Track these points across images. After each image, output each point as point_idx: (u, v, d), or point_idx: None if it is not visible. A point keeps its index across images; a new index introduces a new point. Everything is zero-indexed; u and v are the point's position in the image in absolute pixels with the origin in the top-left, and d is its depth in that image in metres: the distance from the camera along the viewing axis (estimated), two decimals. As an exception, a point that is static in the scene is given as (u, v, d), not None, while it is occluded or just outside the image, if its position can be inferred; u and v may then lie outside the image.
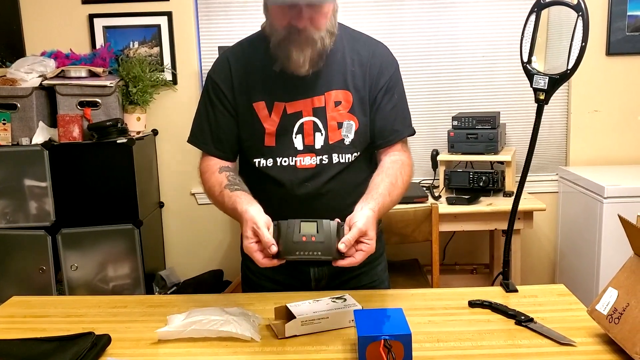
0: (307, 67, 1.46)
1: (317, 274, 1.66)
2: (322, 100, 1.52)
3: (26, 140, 2.86)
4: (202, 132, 1.60)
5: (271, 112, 1.53)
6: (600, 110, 3.23)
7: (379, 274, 1.73)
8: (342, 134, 1.54)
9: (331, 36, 1.48)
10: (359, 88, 1.54)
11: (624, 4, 3.11)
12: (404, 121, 1.61)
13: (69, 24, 3.22)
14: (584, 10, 1.41)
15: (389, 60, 1.61)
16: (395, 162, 1.55)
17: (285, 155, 1.54)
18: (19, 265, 2.90)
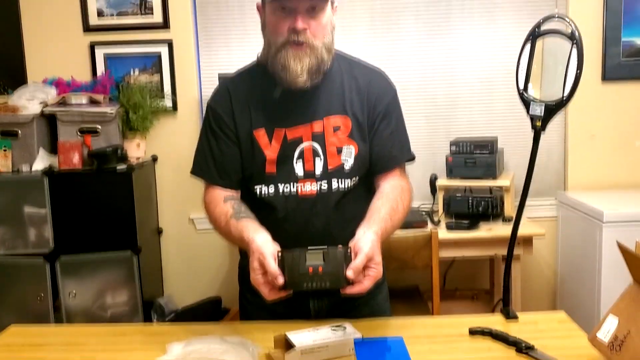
0: (305, 77, 1.47)
1: (316, 306, 1.65)
2: (321, 126, 1.54)
3: (26, 167, 2.87)
4: (206, 163, 1.60)
5: (271, 139, 1.54)
6: (597, 136, 3.25)
7: (379, 303, 1.72)
8: (341, 159, 1.54)
9: (329, 52, 1.51)
10: (357, 114, 1.56)
11: (618, 31, 3.15)
12: (402, 147, 1.63)
13: (71, 52, 3.26)
14: (578, 39, 1.43)
15: (387, 86, 1.63)
16: (394, 187, 1.56)
17: (287, 181, 1.54)
18: (17, 292, 2.88)
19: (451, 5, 3.25)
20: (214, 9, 3.27)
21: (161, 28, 3.23)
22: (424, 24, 3.26)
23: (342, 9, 3.21)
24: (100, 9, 3.22)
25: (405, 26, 3.27)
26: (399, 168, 1.62)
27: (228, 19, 3.27)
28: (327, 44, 1.50)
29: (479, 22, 3.25)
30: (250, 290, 1.69)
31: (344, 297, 1.35)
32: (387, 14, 3.26)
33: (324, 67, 1.51)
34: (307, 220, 1.55)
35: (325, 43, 1.49)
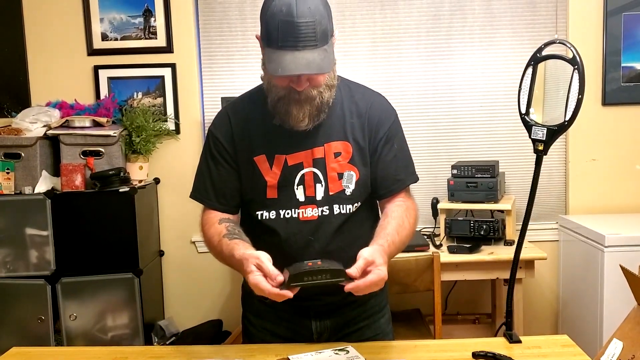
0: (307, 122, 1.48)
1: (319, 328, 1.64)
2: (322, 152, 1.54)
3: (29, 189, 2.88)
4: (204, 187, 1.62)
5: (272, 165, 1.54)
6: (598, 159, 3.26)
7: (382, 326, 1.71)
8: (342, 184, 1.54)
9: (330, 89, 1.50)
10: (358, 139, 1.56)
11: (618, 56, 3.19)
12: (406, 169, 1.63)
13: (74, 75, 3.29)
14: (580, 64, 1.45)
15: (387, 110, 1.63)
16: (399, 206, 1.57)
17: (288, 207, 1.54)
18: (17, 314, 2.87)
19: (452, 29, 3.28)
20: (217, 32, 3.31)
21: (164, 51, 3.26)
22: (425, 48, 3.30)
23: (343, 33, 3.28)
24: (104, 32, 3.26)
25: (407, 50, 3.30)
26: (403, 190, 1.62)
27: (231, 43, 3.30)
28: (329, 83, 1.49)
29: (479, 46, 3.28)
30: (253, 312, 1.70)
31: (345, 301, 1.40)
32: (388, 38, 3.29)
33: (327, 105, 1.51)
34: (308, 244, 1.55)
35: (326, 84, 1.48)
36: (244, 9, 3.28)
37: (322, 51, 1.38)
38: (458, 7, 3.27)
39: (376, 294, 1.66)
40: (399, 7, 3.28)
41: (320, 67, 1.38)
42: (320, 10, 1.38)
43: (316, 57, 1.37)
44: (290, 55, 1.36)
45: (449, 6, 3.27)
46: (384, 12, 3.29)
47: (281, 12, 1.35)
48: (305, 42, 1.36)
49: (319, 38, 1.37)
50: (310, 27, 1.36)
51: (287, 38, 1.36)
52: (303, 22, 1.35)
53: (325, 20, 1.39)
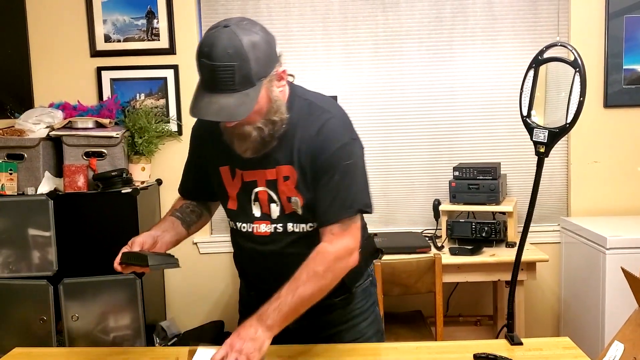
0: (250, 154, 1.48)
1: (295, 325, 1.61)
2: (274, 174, 1.52)
3: (32, 190, 2.89)
4: (182, 181, 1.75)
5: (234, 177, 1.58)
6: (600, 161, 3.26)
7: (363, 330, 1.69)
8: (292, 207, 1.53)
9: (274, 124, 1.46)
10: (303, 165, 1.50)
11: (619, 58, 3.19)
12: (342, 203, 1.47)
13: (78, 76, 3.29)
14: (581, 66, 1.46)
15: (334, 137, 1.49)
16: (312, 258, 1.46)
17: (244, 220, 1.59)
18: (20, 315, 2.88)
19: (454, 31, 3.29)
20: (220, 34, 3.31)
21: (167, 53, 3.27)
22: (426, 50, 3.30)
23: (346, 35, 3.28)
24: (107, 34, 3.27)
25: (408, 52, 3.31)
26: (337, 225, 1.48)
27: (233, 45, 3.31)
28: (272, 118, 1.45)
29: (481, 48, 3.29)
30: (243, 305, 1.79)
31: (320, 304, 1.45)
32: (390, 40, 3.30)
33: (274, 136, 1.48)
34: (264, 257, 1.59)
35: (267, 120, 1.44)
36: (246, 10, 3.28)
37: (241, 96, 1.34)
38: (460, 9, 3.27)
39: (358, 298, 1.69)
40: (400, 9, 3.29)
41: (231, 114, 1.34)
42: (242, 54, 1.33)
43: (231, 103, 1.33)
44: (207, 97, 1.35)
45: (451, 8, 3.27)
46: (386, 14, 3.29)
47: (203, 52, 1.35)
48: (222, 86, 1.34)
49: (238, 82, 1.33)
50: (228, 72, 1.32)
51: (205, 79, 1.36)
52: (220, 65, 1.32)
53: (251, 63, 1.34)
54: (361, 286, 1.70)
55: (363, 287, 1.71)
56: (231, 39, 1.33)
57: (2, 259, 2.86)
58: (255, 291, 1.71)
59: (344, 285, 1.61)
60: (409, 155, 3.32)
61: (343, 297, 1.65)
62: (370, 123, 3.32)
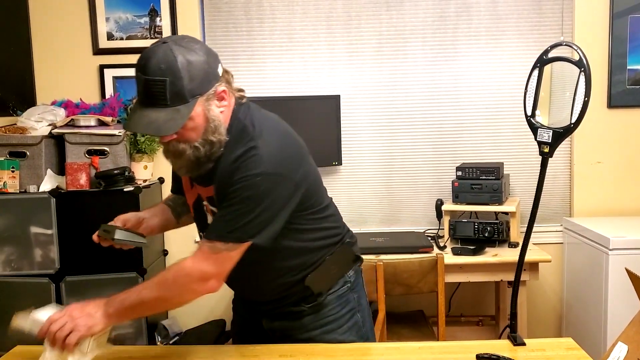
0: (184, 172, 1.48)
1: (268, 325, 1.71)
2: (212, 191, 1.51)
3: (34, 187, 2.89)
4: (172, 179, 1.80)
5: (192, 186, 1.60)
6: (603, 162, 3.26)
7: (338, 338, 1.64)
8: None
9: (212, 144, 1.43)
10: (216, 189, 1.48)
11: (623, 58, 3.18)
12: (224, 227, 1.42)
13: (80, 74, 3.29)
14: (586, 66, 1.45)
15: (246, 168, 1.40)
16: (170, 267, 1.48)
17: (201, 229, 1.62)
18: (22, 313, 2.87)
19: (458, 30, 3.28)
20: (223, 32, 3.31)
21: (170, 51, 3.26)
22: (430, 49, 3.30)
23: (349, 34, 3.28)
24: (110, 32, 3.27)
25: (412, 51, 3.30)
26: (209, 244, 1.44)
27: (236, 43, 3.31)
28: (210, 138, 1.43)
29: (485, 47, 3.28)
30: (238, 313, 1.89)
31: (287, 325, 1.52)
32: (394, 39, 3.29)
33: (210, 158, 1.45)
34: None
35: (205, 139, 1.42)
36: (249, 9, 3.28)
37: (171, 111, 1.34)
38: (464, 8, 3.26)
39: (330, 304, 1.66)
40: (404, 8, 3.28)
41: (159, 128, 1.34)
42: (174, 70, 1.33)
43: (160, 118, 1.34)
44: (140, 110, 1.36)
45: (455, 7, 3.27)
46: (390, 13, 3.29)
47: (139, 66, 1.36)
48: (153, 100, 1.34)
49: (170, 98, 1.34)
50: (159, 86, 1.33)
51: (139, 93, 1.38)
52: (151, 79, 1.33)
53: (182, 81, 1.34)
54: (335, 293, 1.66)
55: (338, 293, 1.66)
56: (166, 54, 1.34)
57: (4, 257, 2.86)
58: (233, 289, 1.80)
59: (311, 292, 1.62)
60: (412, 155, 3.31)
61: (312, 304, 1.64)
62: (373, 122, 3.31)
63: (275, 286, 1.62)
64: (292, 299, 1.64)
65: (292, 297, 1.64)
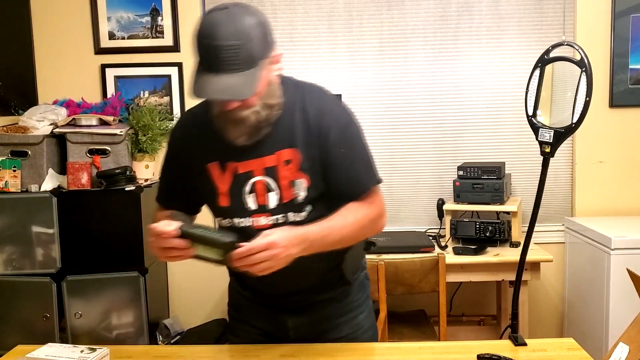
0: (244, 139, 1.46)
1: (293, 323, 1.66)
2: (274, 159, 1.50)
3: (35, 187, 2.89)
4: (160, 188, 1.66)
5: (224, 172, 1.53)
6: (605, 161, 3.25)
7: (360, 322, 1.70)
8: (293, 192, 1.50)
9: (271, 108, 1.46)
10: (307, 146, 1.50)
11: (625, 57, 3.17)
12: (367, 173, 1.55)
13: (82, 74, 3.30)
14: (587, 66, 1.45)
15: (339, 115, 1.53)
16: (351, 204, 1.52)
17: (240, 216, 1.53)
18: (23, 312, 2.88)
19: (459, 30, 3.28)
20: (224, 32, 3.31)
21: (171, 51, 3.27)
22: (431, 49, 3.29)
23: (351, 34, 3.27)
24: (111, 31, 3.27)
25: (413, 51, 3.30)
26: (367, 194, 1.54)
27: (238, 43, 3.30)
28: (268, 102, 1.45)
29: (486, 47, 3.28)
30: (233, 306, 1.76)
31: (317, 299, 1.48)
32: (395, 39, 3.29)
33: (267, 121, 1.47)
34: None
35: (264, 104, 1.44)
36: (250, 8, 3.28)
37: (245, 75, 1.35)
38: (465, 7, 3.26)
39: (354, 290, 1.68)
40: (406, 8, 3.28)
41: (238, 93, 1.34)
42: (246, 33, 1.34)
43: (236, 82, 1.33)
44: (210, 77, 1.34)
45: (456, 7, 3.26)
46: (391, 13, 3.28)
47: (204, 34, 1.34)
48: (226, 66, 1.33)
49: (242, 62, 1.34)
50: (232, 51, 1.32)
51: (208, 60, 1.34)
52: (224, 45, 1.32)
53: (253, 43, 1.35)
54: (358, 278, 1.71)
55: (359, 279, 1.72)
56: (233, 19, 1.34)
57: (6, 256, 2.87)
58: (250, 290, 1.68)
59: (342, 276, 1.63)
60: (413, 154, 3.31)
61: (341, 289, 1.66)
62: (375, 122, 3.31)
63: (315, 270, 1.57)
64: (323, 287, 1.63)
65: (324, 285, 1.63)
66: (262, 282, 1.54)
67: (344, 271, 1.63)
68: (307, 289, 1.62)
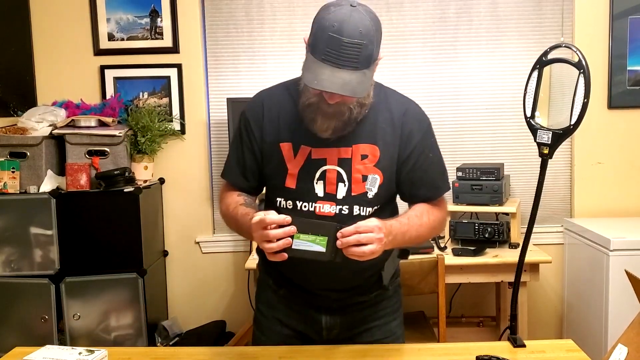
0: (330, 133, 1.48)
1: (329, 323, 1.65)
2: (349, 152, 1.53)
3: (34, 188, 2.89)
4: (230, 165, 1.66)
5: (296, 154, 1.54)
6: (604, 163, 3.25)
7: (393, 329, 1.71)
8: (365, 187, 1.53)
9: (362, 107, 1.49)
10: (388, 144, 1.55)
11: (623, 59, 3.18)
12: (442, 177, 1.67)
13: (81, 75, 3.29)
14: (585, 68, 1.45)
15: (421, 118, 1.63)
16: (425, 205, 1.60)
17: (305, 200, 1.53)
18: (21, 313, 2.88)
19: (458, 32, 3.28)
20: (224, 33, 3.31)
21: (171, 52, 3.27)
22: (430, 51, 3.29)
23: (349, 35, 3.26)
24: (110, 32, 3.27)
25: (412, 52, 3.30)
26: (440, 198, 1.65)
27: (237, 44, 3.31)
28: (362, 101, 1.49)
29: (485, 48, 3.28)
30: (265, 303, 1.73)
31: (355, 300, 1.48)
32: (394, 40, 3.29)
33: (356, 119, 1.50)
34: None
35: (359, 102, 1.48)
36: (250, 9, 3.28)
37: (361, 74, 1.39)
38: (464, 9, 3.26)
39: (389, 296, 1.70)
40: (404, 9, 3.28)
41: (354, 90, 1.37)
42: (370, 34, 1.39)
43: (353, 80, 1.37)
44: (329, 70, 1.36)
45: (455, 8, 3.27)
46: (390, 14, 3.29)
47: (332, 27, 1.36)
48: (346, 62, 1.36)
49: (361, 61, 1.38)
50: (356, 49, 1.36)
51: (330, 53, 1.36)
52: (350, 42, 1.35)
53: (373, 46, 1.40)
54: (394, 284, 1.72)
55: (394, 286, 1.72)
56: (362, 19, 1.39)
57: (4, 258, 2.86)
58: (287, 287, 1.67)
59: (380, 280, 1.64)
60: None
61: (377, 292, 1.66)
62: (374, 123, 3.30)
63: (358, 270, 1.57)
64: (363, 289, 1.64)
65: (363, 286, 1.64)
66: (306, 277, 1.58)
67: (383, 276, 1.64)
68: (347, 289, 1.63)
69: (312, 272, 1.53)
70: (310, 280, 1.60)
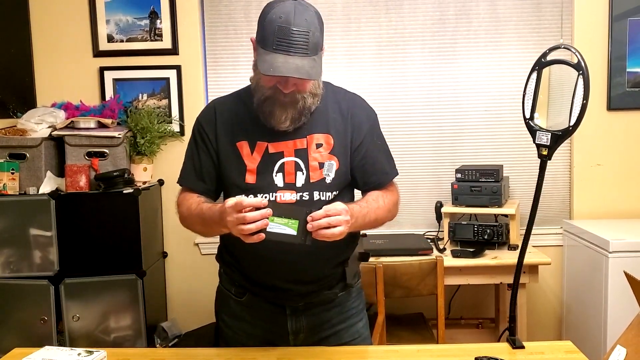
0: (288, 124, 1.56)
1: (294, 326, 1.67)
2: (304, 143, 1.61)
3: (33, 189, 2.89)
4: (186, 170, 1.72)
5: (253, 151, 1.61)
6: (603, 164, 3.25)
7: (360, 330, 1.74)
8: (323, 173, 1.60)
9: (314, 97, 1.58)
10: (340, 133, 1.64)
11: (623, 61, 3.18)
12: (390, 164, 1.73)
13: (80, 76, 3.30)
14: (584, 69, 1.45)
15: (368, 109, 1.74)
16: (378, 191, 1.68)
17: (266, 192, 1.58)
18: (20, 314, 2.88)
19: (457, 33, 3.28)
20: (223, 35, 3.32)
21: (170, 53, 3.27)
22: (430, 52, 3.30)
23: (349, 37, 3.28)
24: (110, 34, 3.27)
25: (412, 54, 3.30)
26: (390, 183, 1.72)
27: (236, 45, 3.31)
28: (314, 91, 1.58)
29: (484, 50, 3.28)
30: (228, 313, 1.75)
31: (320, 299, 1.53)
32: (393, 42, 3.29)
33: (309, 109, 1.59)
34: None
35: (311, 92, 1.57)
36: (249, 11, 3.28)
37: (311, 60, 1.48)
38: (463, 11, 3.27)
39: (353, 297, 1.73)
40: (404, 11, 3.28)
41: (308, 73, 1.46)
42: (314, 24, 1.49)
43: (305, 64, 1.46)
44: (282, 58, 1.45)
45: (454, 10, 3.27)
46: (389, 16, 3.29)
47: (279, 19, 1.47)
48: (297, 49, 1.46)
49: (310, 48, 1.47)
50: (304, 37, 1.46)
51: (281, 42, 1.46)
52: (297, 30, 1.46)
53: (318, 34, 1.50)
54: (356, 285, 1.77)
55: (357, 287, 1.78)
56: (306, 10, 1.50)
57: (4, 259, 2.86)
58: (251, 291, 1.68)
59: (344, 277, 1.69)
60: (412, 157, 3.31)
61: (341, 290, 1.70)
62: (373, 125, 3.30)
63: (322, 260, 1.62)
64: (326, 284, 1.67)
65: (326, 282, 1.67)
66: (271, 270, 1.60)
67: (347, 272, 1.68)
68: (313, 280, 1.64)
69: (277, 264, 1.58)
70: (275, 273, 1.63)
